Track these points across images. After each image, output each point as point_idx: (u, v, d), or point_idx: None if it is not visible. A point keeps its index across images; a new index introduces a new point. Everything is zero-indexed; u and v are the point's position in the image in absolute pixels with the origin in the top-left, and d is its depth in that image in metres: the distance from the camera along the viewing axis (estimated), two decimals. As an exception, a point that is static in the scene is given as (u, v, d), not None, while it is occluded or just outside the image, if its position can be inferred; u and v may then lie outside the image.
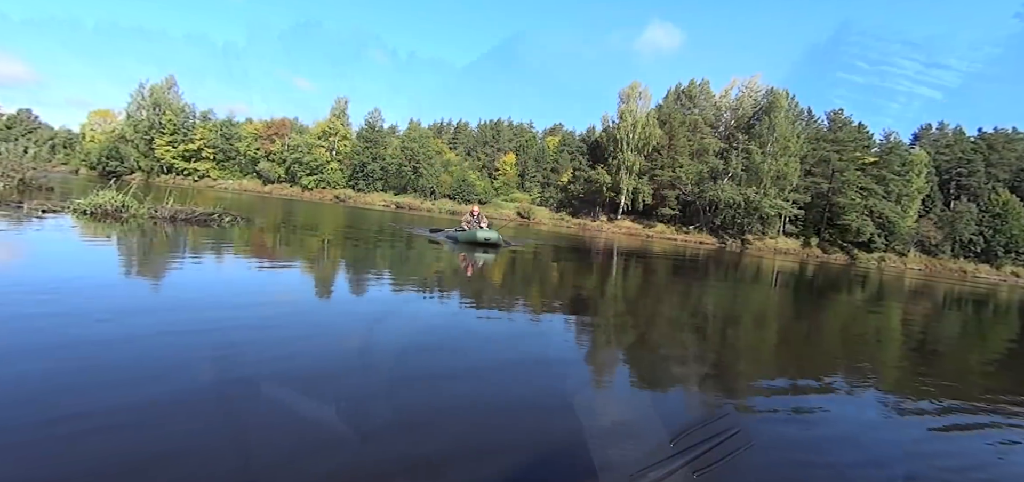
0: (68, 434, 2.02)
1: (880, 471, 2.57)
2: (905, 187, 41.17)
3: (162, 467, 1.91)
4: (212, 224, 10.75)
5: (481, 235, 12.33)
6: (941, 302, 14.22)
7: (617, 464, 2.16)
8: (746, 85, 45.89)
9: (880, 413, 3.52)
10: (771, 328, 7.16)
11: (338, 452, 2.15)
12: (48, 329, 3.17)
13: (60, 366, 2.63)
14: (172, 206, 10.83)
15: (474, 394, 3.02)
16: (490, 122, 65.17)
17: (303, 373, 3.06)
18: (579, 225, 44.37)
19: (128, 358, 2.90)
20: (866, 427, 3.17)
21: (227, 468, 1.95)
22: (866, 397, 3.88)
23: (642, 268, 14.40)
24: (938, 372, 5.26)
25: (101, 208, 9.83)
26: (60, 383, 2.42)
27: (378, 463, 2.11)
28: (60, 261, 5.63)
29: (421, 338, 4.24)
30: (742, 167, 41.81)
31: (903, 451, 2.86)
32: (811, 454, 2.65)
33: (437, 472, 2.07)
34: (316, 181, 53.80)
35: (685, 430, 1.20)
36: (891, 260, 40.58)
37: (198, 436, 2.16)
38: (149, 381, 2.63)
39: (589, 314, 6.35)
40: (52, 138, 70.90)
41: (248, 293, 5.33)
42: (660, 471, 1.00)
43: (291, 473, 1.96)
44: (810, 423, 3.13)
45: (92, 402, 2.28)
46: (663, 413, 3.01)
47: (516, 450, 2.33)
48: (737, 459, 1.18)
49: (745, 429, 1.37)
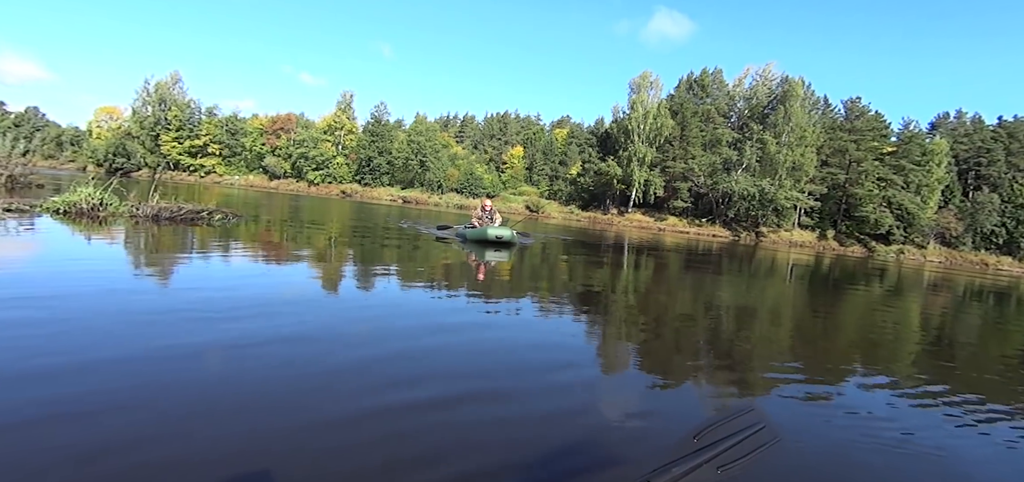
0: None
1: (907, 466, 2.52)
2: (925, 177, 40.06)
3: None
4: (201, 222, 9.92)
5: (492, 232, 11.07)
6: (962, 295, 13.80)
7: (637, 459, 2.20)
8: (760, 73, 44.87)
9: (903, 408, 3.43)
10: (788, 322, 7.03)
11: (341, 451, 2.07)
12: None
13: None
14: (156, 203, 9.85)
15: (487, 389, 2.92)
16: (497, 115, 64.54)
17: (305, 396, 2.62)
18: (589, 218, 43.66)
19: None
20: (891, 422, 3.10)
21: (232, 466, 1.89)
22: (887, 392, 3.80)
23: (654, 262, 14.05)
24: (959, 366, 5.15)
25: (75, 207, 8.84)
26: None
27: (387, 458, 2.05)
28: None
29: (430, 336, 4.05)
30: (756, 158, 40.86)
31: (928, 446, 2.78)
32: (838, 450, 2.60)
33: (450, 467, 2.01)
34: (322, 176, 53.42)
35: (708, 426, 1.18)
36: (910, 253, 39.57)
37: (213, 444, 2.03)
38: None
39: (603, 308, 6.19)
40: (59, 135, 71.06)
41: (225, 316, 4.08)
42: (683, 467, 1.04)
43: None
44: (834, 418, 3.06)
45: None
46: (684, 408, 3.02)
47: (530, 446, 2.26)
48: (763, 455, 1.17)
49: (770, 424, 1.30)
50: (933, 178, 40.29)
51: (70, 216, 8.68)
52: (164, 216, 9.54)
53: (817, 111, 43.61)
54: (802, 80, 41.07)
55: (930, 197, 40.24)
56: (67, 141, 69.03)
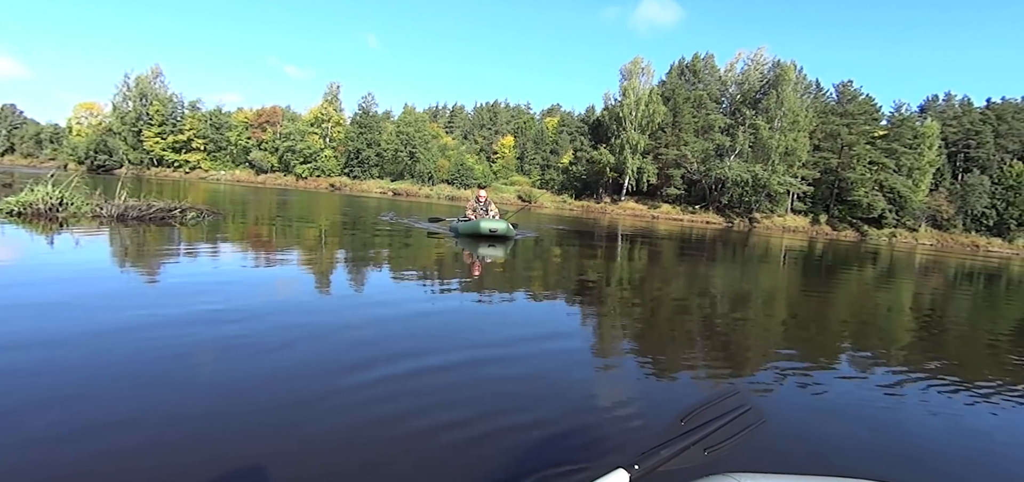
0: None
1: (891, 446, 2.55)
2: (917, 160, 40.09)
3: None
4: (172, 222, 9.07)
5: (485, 225, 10.47)
6: (952, 277, 13.92)
7: (626, 443, 2.24)
8: (752, 58, 44.50)
9: (890, 389, 3.46)
10: (780, 306, 7.07)
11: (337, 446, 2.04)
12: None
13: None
14: (123, 201, 9.06)
15: (478, 376, 2.92)
16: (487, 104, 63.79)
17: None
18: (582, 207, 43.27)
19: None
20: (877, 403, 3.15)
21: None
22: (876, 373, 3.84)
23: (647, 250, 13.99)
24: (947, 348, 5.19)
25: (32, 207, 8.01)
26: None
27: (387, 441, 2.09)
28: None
29: (423, 323, 4.05)
30: (749, 143, 40.62)
31: (912, 426, 2.85)
32: (822, 430, 2.66)
33: (443, 452, 2.05)
34: (310, 169, 52.49)
35: (694, 409, 1.22)
36: (902, 236, 39.69)
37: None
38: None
39: (595, 296, 6.22)
40: (38, 133, 69.16)
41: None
42: (671, 449, 1.10)
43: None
44: (821, 399, 3.11)
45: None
46: (672, 392, 3.07)
47: (522, 431, 2.28)
48: (749, 436, 1.23)
49: (756, 406, 1.41)
50: (925, 161, 40.32)
51: (25, 218, 7.91)
52: (131, 215, 8.80)
53: (809, 95, 43.40)
54: (794, 64, 40.83)
55: (922, 180, 40.31)
56: (47, 139, 67.21)
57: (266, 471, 1.82)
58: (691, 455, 1.12)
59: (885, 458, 2.42)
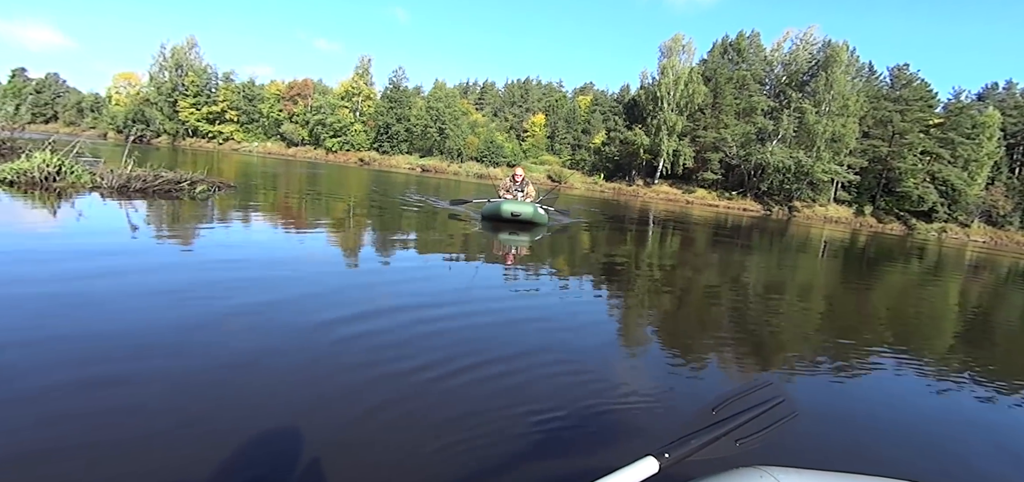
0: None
1: (930, 447, 2.48)
2: (974, 152, 37.60)
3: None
4: (180, 195, 8.41)
5: (506, 208, 9.05)
6: (1005, 277, 13.21)
7: (655, 431, 2.25)
8: (801, 37, 42.10)
9: (931, 388, 3.37)
10: (817, 299, 6.85)
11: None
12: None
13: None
14: (126, 170, 8.50)
15: (505, 362, 2.84)
16: (518, 81, 62.70)
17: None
18: (614, 189, 42.23)
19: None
20: (916, 401, 3.08)
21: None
22: (916, 371, 3.72)
23: (681, 236, 13.62)
24: (993, 348, 4.97)
25: (27, 176, 7.55)
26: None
27: (408, 425, 2.06)
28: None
29: (445, 309, 3.85)
30: (793, 128, 38.76)
31: (953, 427, 2.76)
32: (857, 427, 2.59)
33: (474, 438, 2.00)
34: (340, 143, 52.57)
35: (726, 399, 1.20)
36: (952, 231, 37.55)
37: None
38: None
39: (625, 282, 6.13)
40: (80, 102, 71.06)
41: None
42: (701, 439, 1.07)
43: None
44: (857, 396, 3.04)
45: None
46: (703, 382, 3.02)
47: (550, 417, 2.24)
48: (781, 429, 1.18)
49: (789, 399, 1.28)
50: (983, 152, 37.77)
51: (18, 187, 7.46)
52: (134, 187, 8.26)
53: (861, 78, 40.99)
54: (846, 45, 38.49)
55: (978, 173, 37.80)
56: (88, 107, 69.01)
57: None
58: (722, 446, 1.09)
59: (924, 458, 2.33)
